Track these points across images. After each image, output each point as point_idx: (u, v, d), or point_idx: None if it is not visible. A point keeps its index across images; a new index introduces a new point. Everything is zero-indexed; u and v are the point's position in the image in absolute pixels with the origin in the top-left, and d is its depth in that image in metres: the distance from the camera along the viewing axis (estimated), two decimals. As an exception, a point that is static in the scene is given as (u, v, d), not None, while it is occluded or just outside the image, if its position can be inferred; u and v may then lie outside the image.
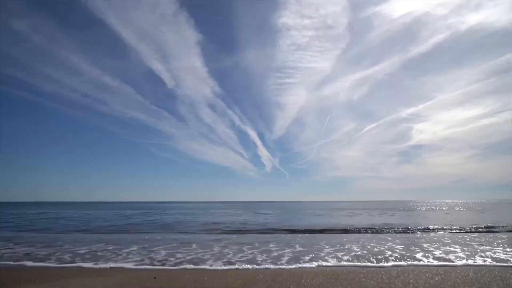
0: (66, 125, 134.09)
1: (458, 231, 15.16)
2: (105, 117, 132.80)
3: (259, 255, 8.70)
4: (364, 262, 7.64)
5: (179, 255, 8.70)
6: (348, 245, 10.43)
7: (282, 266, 7.24)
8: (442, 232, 14.82)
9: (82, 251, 9.39)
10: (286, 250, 9.50)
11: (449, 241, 11.51)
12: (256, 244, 10.76)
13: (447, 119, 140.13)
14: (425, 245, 10.44)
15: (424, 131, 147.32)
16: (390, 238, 12.40)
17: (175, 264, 7.54)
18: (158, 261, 7.96)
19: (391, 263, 7.50)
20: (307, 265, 7.38)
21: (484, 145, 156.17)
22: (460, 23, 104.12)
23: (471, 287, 5.31)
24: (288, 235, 14.13)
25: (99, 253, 8.99)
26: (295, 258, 8.21)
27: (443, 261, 7.70)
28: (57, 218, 26.63)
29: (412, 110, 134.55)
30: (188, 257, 8.40)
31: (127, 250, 9.48)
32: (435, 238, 12.37)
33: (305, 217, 27.37)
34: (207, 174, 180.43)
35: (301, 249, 9.77)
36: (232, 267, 7.20)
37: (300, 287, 5.30)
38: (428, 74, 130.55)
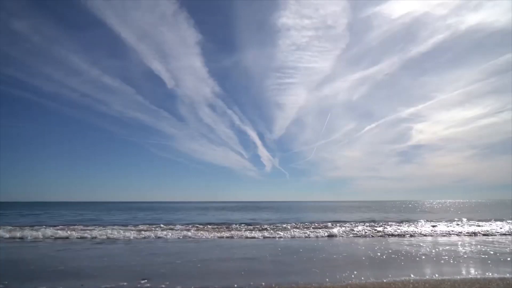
0: (66, 125, 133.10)
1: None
2: (105, 117, 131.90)
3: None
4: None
5: None
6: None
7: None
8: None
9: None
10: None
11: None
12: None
13: (447, 119, 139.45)
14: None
15: (424, 131, 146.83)
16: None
17: None
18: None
19: None
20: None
21: (484, 145, 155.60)
22: (459, 23, 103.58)
23: (471, 287, 5.21)
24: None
25: None
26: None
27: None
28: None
29: (412, 110, 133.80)
30: None
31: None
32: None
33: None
34: (206, 174, 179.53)
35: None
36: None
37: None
38: (428, 74, 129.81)
